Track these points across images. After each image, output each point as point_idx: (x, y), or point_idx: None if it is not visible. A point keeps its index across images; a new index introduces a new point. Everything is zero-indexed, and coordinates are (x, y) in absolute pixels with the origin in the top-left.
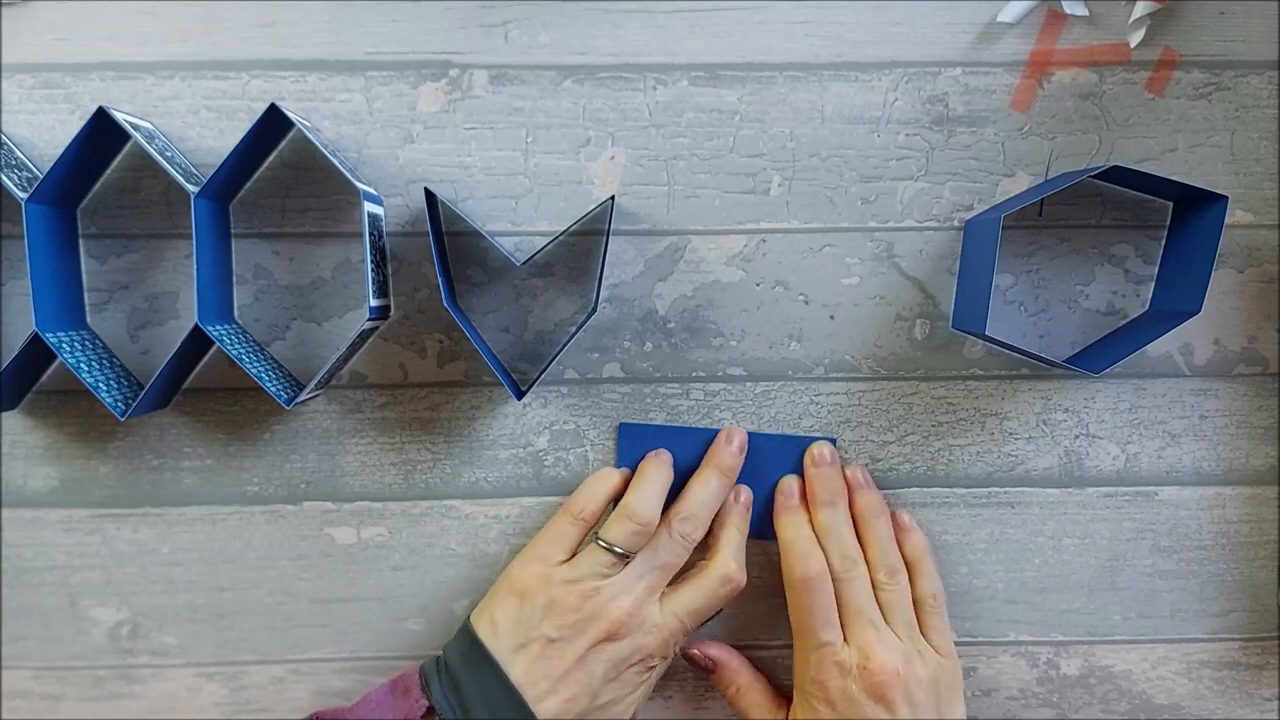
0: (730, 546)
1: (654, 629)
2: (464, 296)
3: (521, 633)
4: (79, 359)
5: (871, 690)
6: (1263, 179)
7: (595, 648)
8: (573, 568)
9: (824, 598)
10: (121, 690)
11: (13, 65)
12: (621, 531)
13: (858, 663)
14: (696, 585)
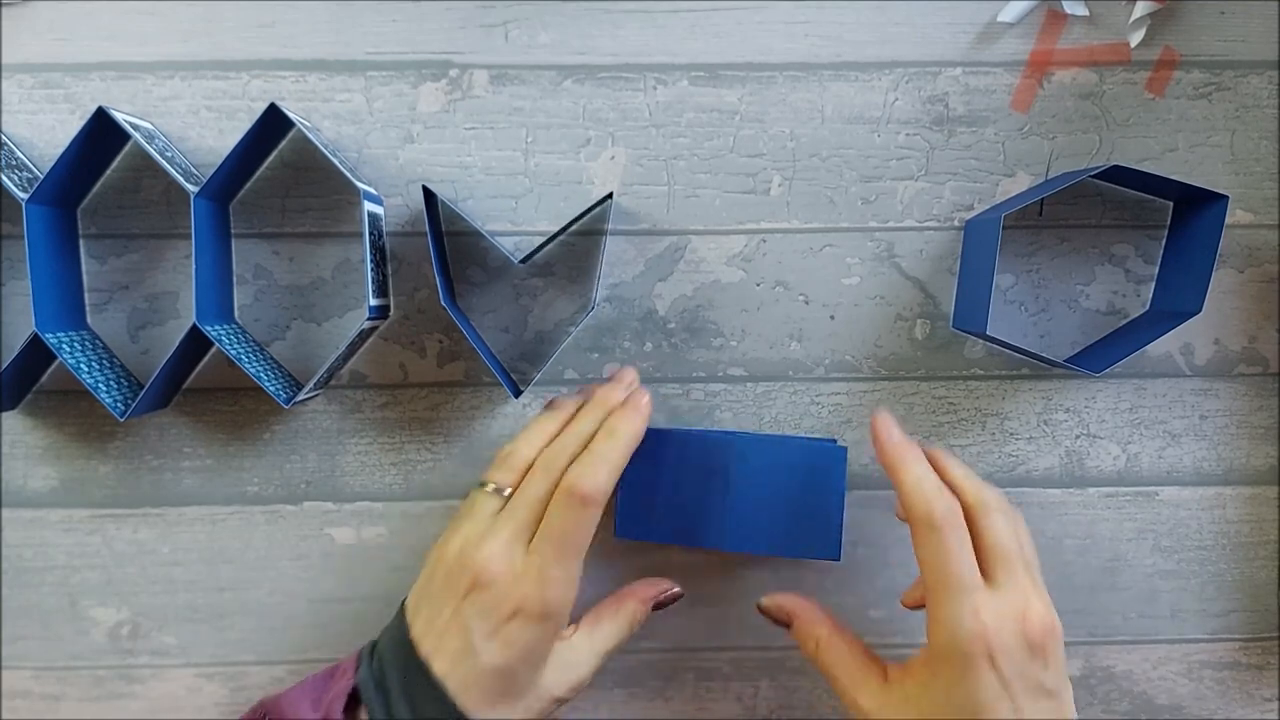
0: (580, 458)
1: (521, 574)
2: (463, 296)
3: (420, 590)
4: (79, 359)
5: (1032, 643)
6: (1263, 179)
7: (467, 599)
8: (455, 525)
9: (966, 539)
10: (121, 690)
11: (13, 65)
12: (496, 470)
13: (1017, 612)
14: (549, 513)
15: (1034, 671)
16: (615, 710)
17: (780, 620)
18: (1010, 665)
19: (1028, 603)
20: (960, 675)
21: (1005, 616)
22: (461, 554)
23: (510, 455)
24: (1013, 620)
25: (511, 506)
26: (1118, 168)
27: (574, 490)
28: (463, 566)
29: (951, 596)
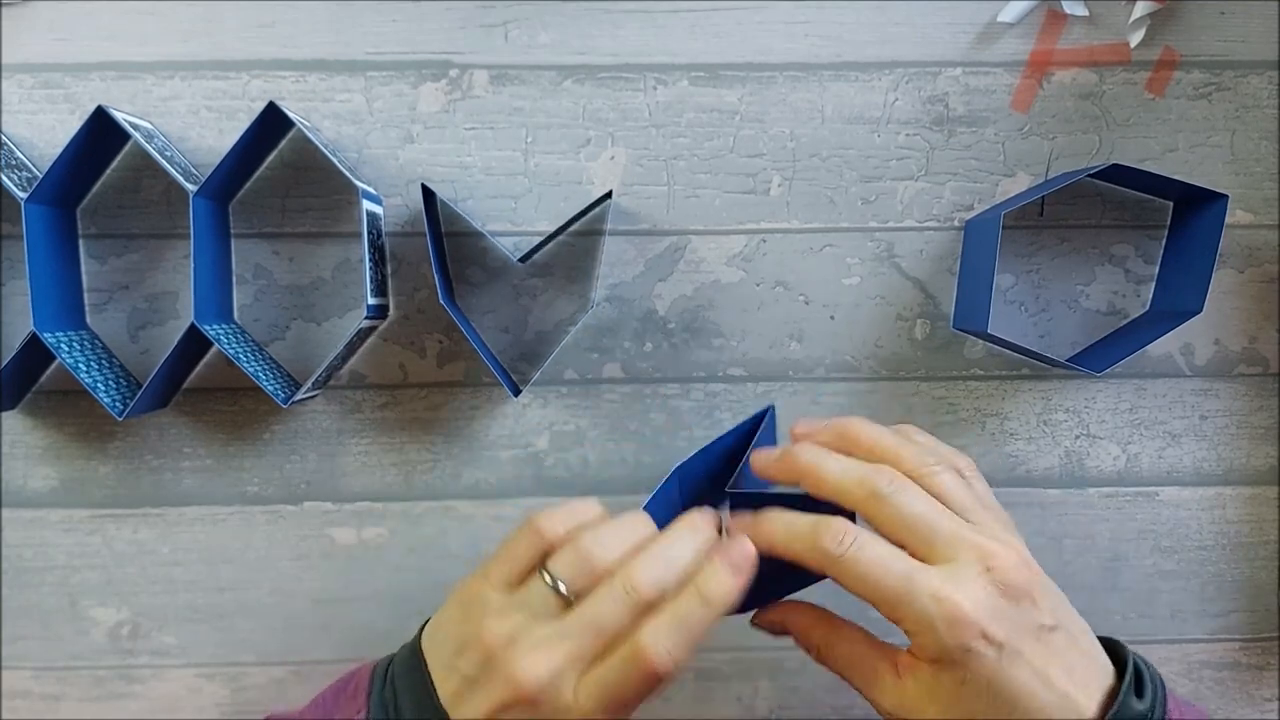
0: (664, 614)
1: (566, 708)
2: (463, 296)
3: (449, 654)
4: (77, 359)
5: (1013, 593)
6: (1263, 179)
7: (506, 709)
8: (507, 599)
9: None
10: (121, 690)
11: (13, 65)
12: (565, 562)
13: (983, 571)
14: (610, 662)
15: (1030, 618)
16: None
17: (777, 633)
18: (1004, 627)
19: (989, 556)
20: (963, 666)
21: (973, 583)
22: (509, 660)
23: (589, 552)
24: (983, 583)
25: (576, 623)
26: (1118, 167)
27: (644, 661)
28: (508, 677)
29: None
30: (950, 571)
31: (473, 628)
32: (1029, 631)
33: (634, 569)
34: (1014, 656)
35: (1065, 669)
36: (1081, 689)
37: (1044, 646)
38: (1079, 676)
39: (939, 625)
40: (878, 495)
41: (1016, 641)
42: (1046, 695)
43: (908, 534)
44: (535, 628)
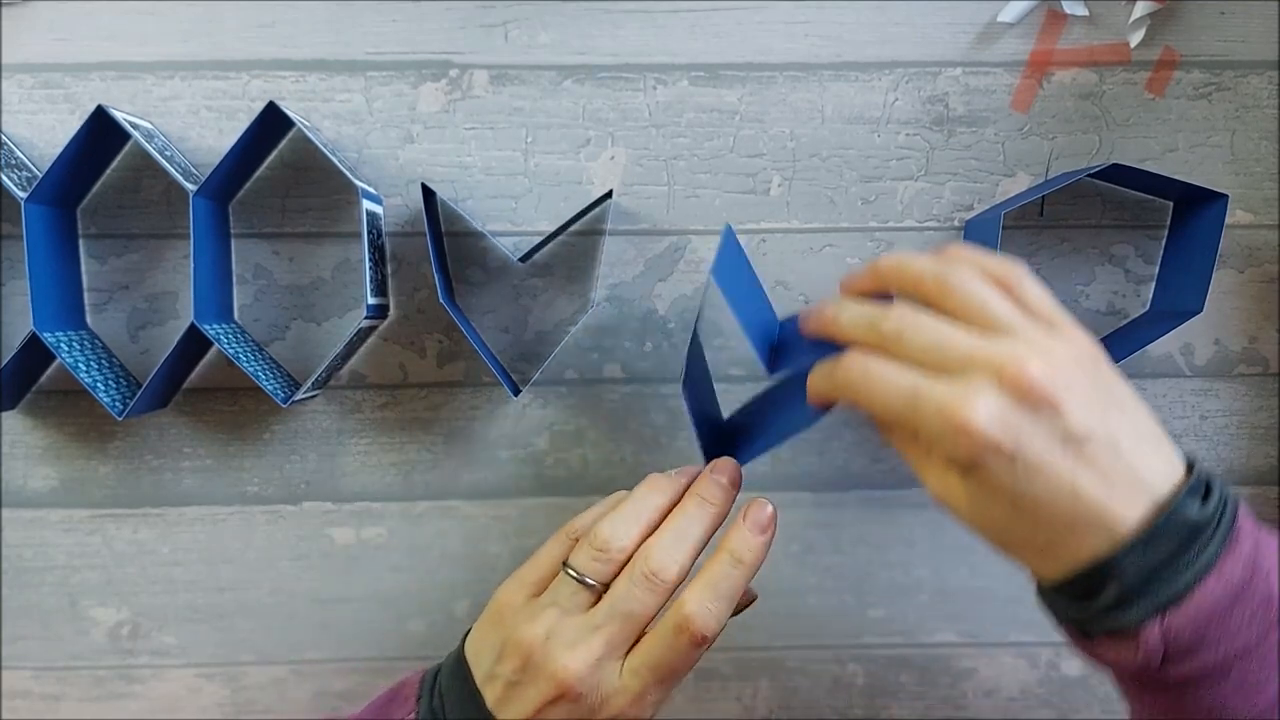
0: (699, 582)
1: (613, 693)
2: (463, 296)
3: (490, 662)
4: (77, 359)
5: (1032, 400)
6: (1263, 179)
7: (549, 706)
8: (537, 601)
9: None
10: (121, 690)
11: (13, 65)
12: (584, 558)
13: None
14: (653, 634)
15: (1052, 427)
16: None
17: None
18: (1015, 438)
19: (1003, 364)
20: (978, 478)
21: (983, 394)
22: (548, 658)
23: (606, 542)
24: (994, 394)
25: (607, 614)
26: (1118, 167)
27: (691, 629)
28: (550, 674)
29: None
30: (960, 384)
31: (508, 632)
32: (1050, 442)
33: (652, 554)
34: (1031, 469)
35: (1100, 479)
36: (1122, 500)
37: (1071, 458)
38: (1119, 488)
39: (946, 438)
40: (887, 334)
41: (1033, 453)
42: (1074, 507)
43: (922, 358)
44: (568, 623)
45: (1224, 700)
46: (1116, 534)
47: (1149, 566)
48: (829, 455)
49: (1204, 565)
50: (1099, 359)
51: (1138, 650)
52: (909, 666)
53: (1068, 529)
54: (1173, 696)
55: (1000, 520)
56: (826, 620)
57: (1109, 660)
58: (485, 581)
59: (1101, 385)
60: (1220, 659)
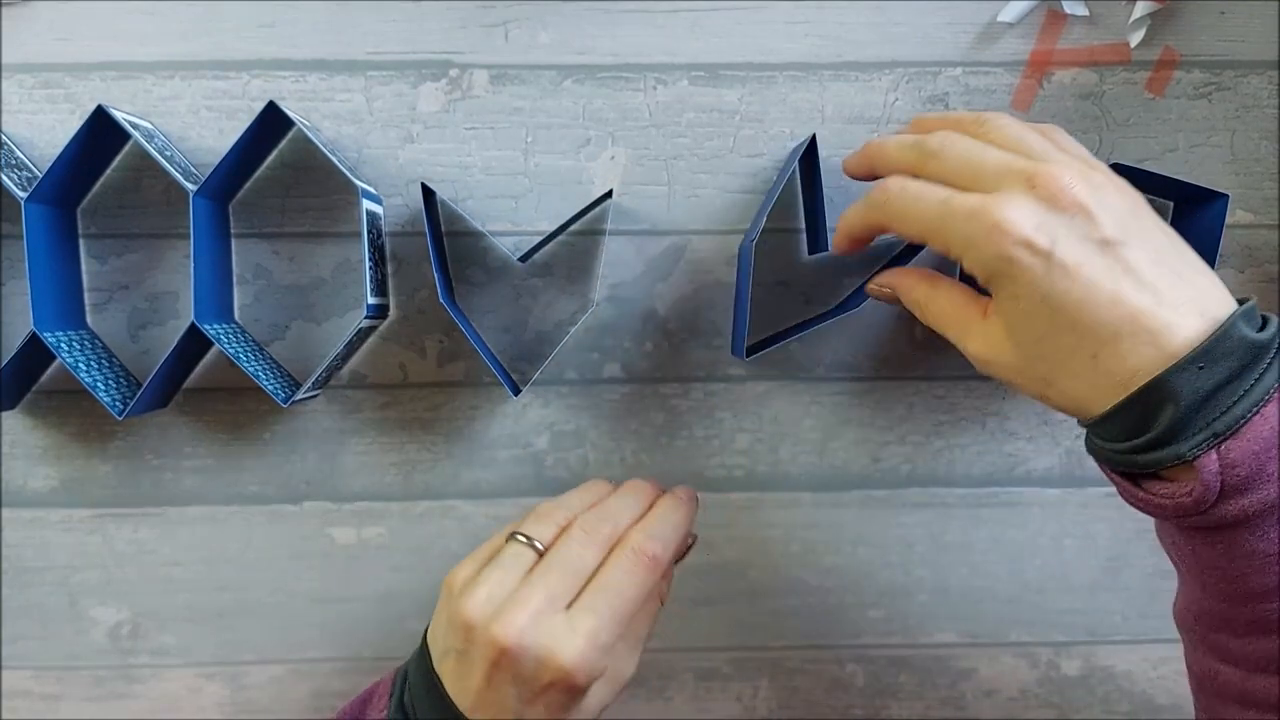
0: (642, 521)
1: (562, 640)
2: (464, 297)
3: (441, 638)
4: (77, 358)
5: (1062, 204)
6: (1263, 179)
7: (498, 667)
8: (481, 572)
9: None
10: (121, 690)
11: (13, 65)
12: (528, 522)
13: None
14: (603, 568)
15: (1084, 229)
16: (615, 710)
17: (889, 299)
18: (1049, 235)
19: (1035, 174)
20: (1012, 280)
21: (1014, 198)
22: (488, 620)
23: (549, 512)
24: (1025, 198)
25: (546, 566)
26: (1117, 167)
27: (642, 549)
28: (489, 635)
29: (944, 213)
30: (992, 194)
31: (452, 607)
32: (1084, 242)
33: (593, 514)
34: (1066, 267)
35: (1142, 285)
36: (1170, 310)
37: (1108, 259)
38: (1166, 297)
39: (978, 238)
40: (928, 152)
41: (1067, 251)
42: (1117, 312)
43: (956, 176)
44: (508, 584)
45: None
46: (1169, 345)
47: (1207, 388)
48: (829, 455)
49: (1264, 391)
50: (1138, 196)
51: (1194, 485)
52: (909, 667)
53: (1113, 338)
54: (1226, 541)
55: (1041, 338)
56: (826, 620)
57: (1162, 505)
58: None
59: (1142, 213)
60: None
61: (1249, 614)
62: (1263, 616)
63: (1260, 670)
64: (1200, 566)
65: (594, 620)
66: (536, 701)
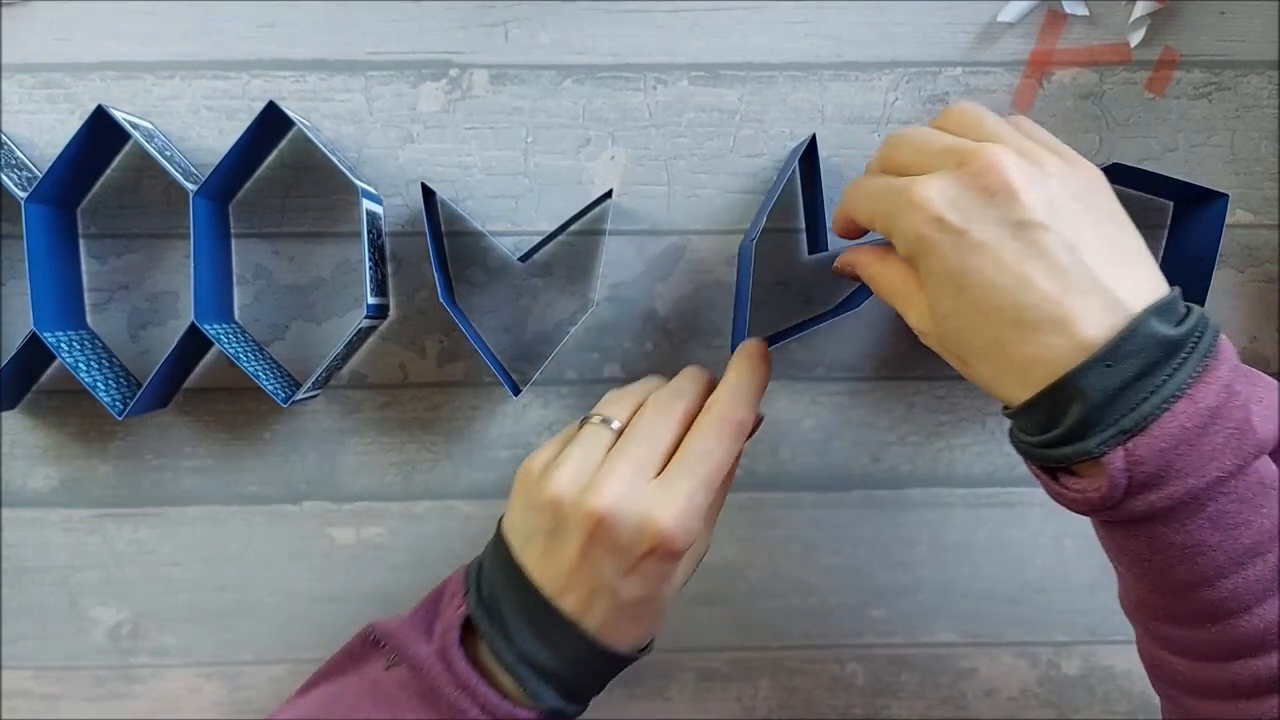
0: (726, 386)
1: (655, 505)
2: (464, 297)
3: (523, 525)
4: (77, 358)
5: (985, 185)
6: (1263, 179)
7: (593, 539)
8: (554, 454)
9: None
10: (121, 690)
11: (13, 65)
12: (604, 403)
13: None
14: (689, 435)
15: (1005, 211)
16: (615, 710)
17: (852, 275)
18: (963, 216)
19: (966, 153)
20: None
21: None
22: (580, 495)
23: (619, 397)
24: (951, 178)
25: (628, 440)
26: (1118, 166)
27: (727, 417)
28: (581, 509)
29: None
30: (926, 176)
31: (535, 490)
32: (1000, 224)
33: (665, 391)
34: (976, 246)
35: (1053, 273)
36: (1080, 304)
37: (1021, 243)
38: (1077, 289)
39: (898, 215)
40: (889, 146)
41: (980, 231)
42: (1024, 298)
43: (909, 165)
44: (591, 460)
45: (1201, 538)
46: (1074, 336)
47: (1114, 385)
48: (829, 455)
49: (1175, 389)
50: (1094, 181)
51: (1102, 481)
52: (909, 666)
53: (1019, 324)
54: (1145, 535)
55: (952, 315)
56: (827, 620)
57: (1074, 499)
58: None
59: (1081, 195)
60: (1190, 491)
61: (1183, 605)
62: (1196, 607)
63: (1203, 659)
64: (1128, 559)
65: (688, 482)
66: (634, 572)
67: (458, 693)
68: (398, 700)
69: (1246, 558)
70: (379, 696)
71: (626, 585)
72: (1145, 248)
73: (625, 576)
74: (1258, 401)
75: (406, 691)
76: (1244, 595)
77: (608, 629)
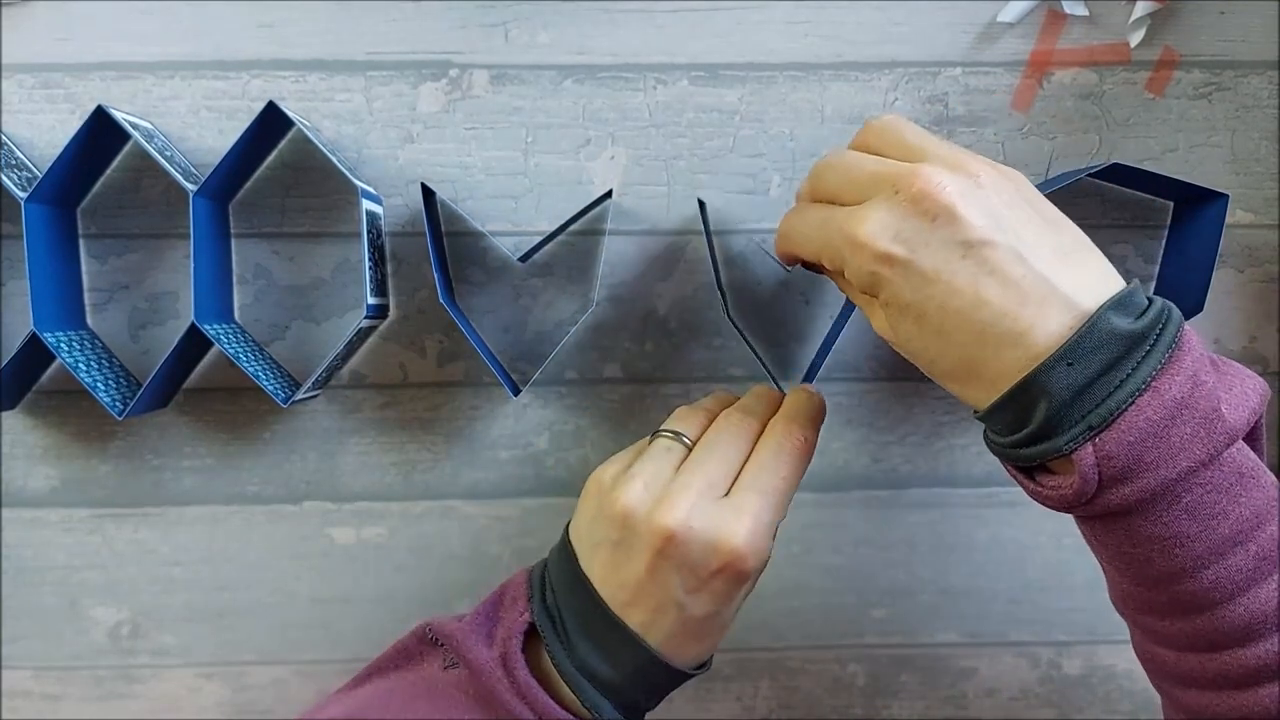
0: (789, 407)
1: (725, 523)
2: (464, 297)
3: (590, 534)
4: (77, 358)
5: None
6: (1263, 179)
7: (662, 555)
8: (630, 467)
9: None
10: (121, 690)
11: (13, 65)
12: (674, 418)
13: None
14: (756, 452)
15: (948, 234)
16: None
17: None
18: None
19: (899, 178)
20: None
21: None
22: (651, 510)
23: (690, 413)
24: (888, 206)
25: (700, 456)
26: (1118, 167)
27: (794, 435)
28: (652, 524)
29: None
30: (862, 206)
31: (606, 501)
32: (945, 248)
33: (735, 410)
34: (927, 277)
35: (1006, 287)
36: (1035, 311)
37: (971, 263)
38: (1031, 298)
39: (845, 255)
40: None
41: (927, 259)
42: (981, 316)
43: (839, 194)
44: (663, 475)
45: (1179, 529)
46: (1035, 346)
47: (1077, 383)
48: (829, 455)
49: (1139, 383)
50: (1021, 183)
51: (1073, 478)
52: (910, 666)
53: (980, 342)
54: (1124, 528)
55: (919, 340)
56: (827, 620)
57: (1048, 496)
58: (485, 581)
59: (1017, 202)
60: (1162, 482)
61: (1165, 596)
62: (1179, 598)
63: (1190, 650)
64: (1108, 553)
65: (758, 500)
66: (702, 590)
67: (516, 700)
68: (455, 701)
69: (1226, 547)
70: (435, 695)
71: (693, 602)
72: (1087, 240)
73: (692, 594)
74: (1227, 390)
75: (464, 693)
76: (1226, 585)
77: (670, 644)
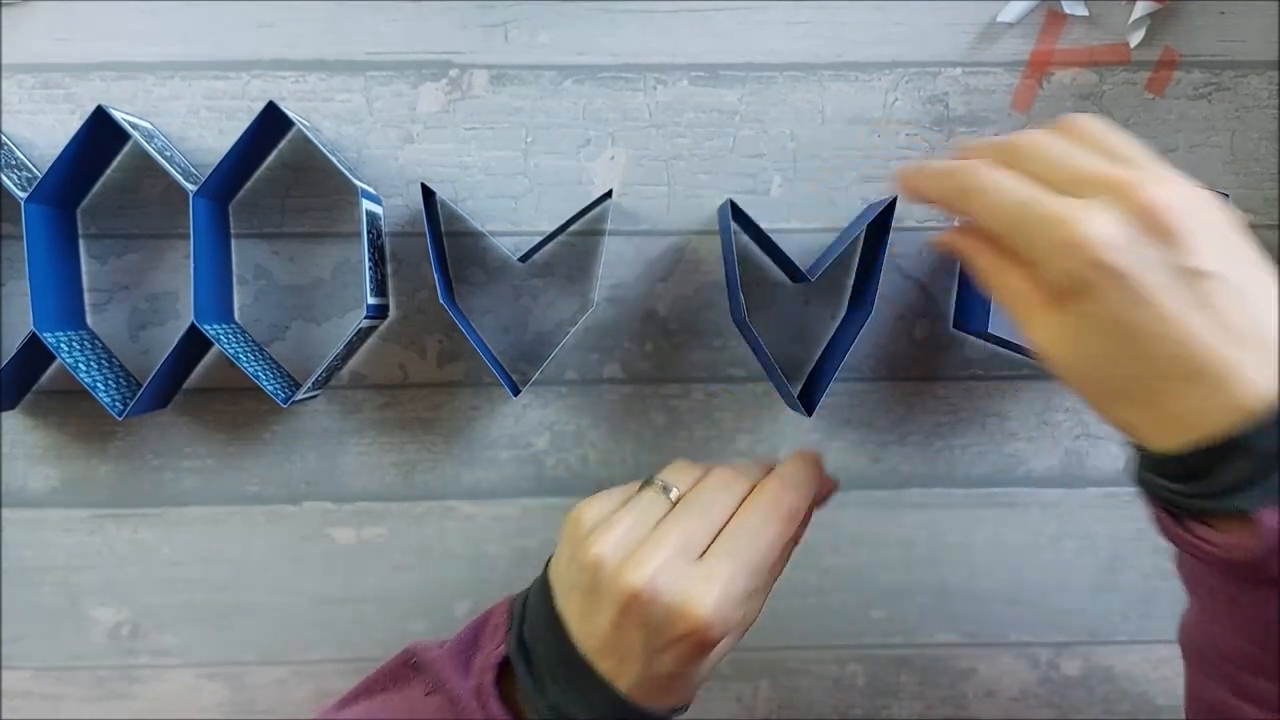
0: (781, 471)
1: (695, 588)
2: (464, 297)
3: (566, 575)
4: (77, 359)
5: (1155, 225)
6: (1263, 179)
7: (629, 613)
8: (615, 512)
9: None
10: (122, 690)
11: (13, 65)
12: (669, 470)
13: (1118, 196)
14: (736, 517)
15: (1171, 257)
16: None
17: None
18: (1127, 259)
19: (1128, 185)
20: (1082, 299)
21: (1101, 211)
22: (619, 565)
23: (686, 467)
24: (1112, 213)
25: (680, 512)
26: None
27: (779, 499)
28: (618, 580)
29: (1024, 213)
30: (1080, 201)
31: (580, 547)
32: (1167, 273)
33: (729, 469)
34: (1141, 297)
35: (1219, 326)
36: (1247, 359)
37: (1190, 292)
38: (1246, 343)
39: (1056, 249)
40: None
41: (1146, 280)
42: (1185, 350)
43: (1047, 173)
44: (639, 529)
45: None
46: (1239, 395)
47: None
48: (829, 455)
49: None
50: (1228, 214)
51: (1250, 539)
52: (909, 667)
53: (1180, 376)
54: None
55: (1104, 361)
56: (827, 621)
57: (1207, 551)
58: (485, 581)
59: (1231, 237)
60: None
61: None
62: None
63: None
64: (1234, 608)
65: (729, 567)
66: (665, 652)
67: None
68: None
69: None
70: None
71: (658, 661)
72: None
73: (657, 654)
74: None
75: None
76: None
77: (639, 693)
